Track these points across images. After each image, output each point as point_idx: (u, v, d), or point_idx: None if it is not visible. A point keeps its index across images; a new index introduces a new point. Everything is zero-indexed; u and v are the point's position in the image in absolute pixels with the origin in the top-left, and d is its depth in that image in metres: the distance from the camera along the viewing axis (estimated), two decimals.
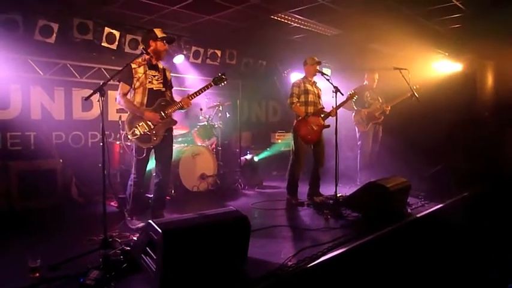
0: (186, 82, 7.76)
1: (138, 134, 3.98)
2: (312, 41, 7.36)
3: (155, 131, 4.05)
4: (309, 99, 5.21)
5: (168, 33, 4.64)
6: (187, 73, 7.63)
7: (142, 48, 3.92)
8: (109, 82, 3.52)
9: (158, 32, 4.12)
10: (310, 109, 5.20)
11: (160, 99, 4.14)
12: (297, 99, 5.17)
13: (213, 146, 6.72)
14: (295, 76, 7.62)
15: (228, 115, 7.06)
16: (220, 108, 6.69)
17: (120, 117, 6.04)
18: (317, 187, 5.39)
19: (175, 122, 4.22)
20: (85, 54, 6.34)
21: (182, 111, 4.53)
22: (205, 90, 4.32)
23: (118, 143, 5.86)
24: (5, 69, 5.59)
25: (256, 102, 9.52)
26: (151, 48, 4.11)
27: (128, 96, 4.07)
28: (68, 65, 6.29)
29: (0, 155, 5.22)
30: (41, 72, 6.03)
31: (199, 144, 6.35)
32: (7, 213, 4.70)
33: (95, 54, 6.42)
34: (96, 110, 6.55)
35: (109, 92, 6.36)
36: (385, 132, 6.71)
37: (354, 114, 6.62)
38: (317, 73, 5.26)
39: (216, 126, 6.60)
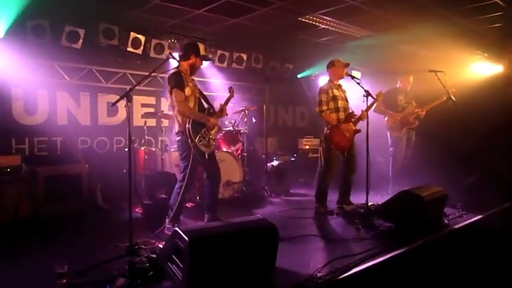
0: (211, 86, 7.85)
1: (203, 140, 4.18)
2: (341, 43, 7.32)
3: (212, 136, 4.32)
4: (339, 105, 5.16)
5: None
6: (212, 77, 7.73)
7: (169, 53, 4.01)
8: (136, 87, 3.61)
9: (202, 49, 4.27)
10: (342, 115, 5.15)
11: (208, 107, 4.39)
12: (326, 107, 5.13)
13: (239, 152, 6.75)
14: (324, 80, 7.58)
15: (253, 120, 7.09)
16: (246, 113, 6.74)
17: (145, 122, 6.17)
18: (348, 195, 5.34)
19: (220, 129, 4.41)
20: (110, 60, 6.55)
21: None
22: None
23: (143, 148, 5.98)
24: (33, 75, 5.83)
25: (282, 106, 9.53)
26: (190, 61, 4.29)
27: None
28: (94, 70, 6.49)
29: (28, 161, 5.40)
30: (67, 77, 6.24)
31: (224, 150, 6.40)
32: (33, 218, 4.86)
33: (121, 60, 6.61)
34: (121, 115, 6.72)
35: (134, 97, 6.51)
36: (419, 138, 6.58)
37: (386, 118, 6.53)
38: (346, 76, 5.21)
39: (242, 131, 6.63)
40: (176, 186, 4.26)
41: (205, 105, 4.43)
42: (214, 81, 7.78)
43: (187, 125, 4.10)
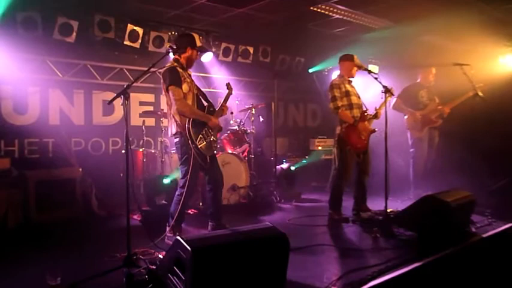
0: (214, 83, 7.87)
1: (204, 142, 4.18)
2: (356, 35, 7.30)
3: (214, 137, 4.32)
4: (352, 102, 5.14)
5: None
6: (216, 72, 7.74)
7: (170, 46, 4.01)
8: (133, 84, 3.62)
9: (197, 40, 4.28)
10: (356, 113, 5.12)
11: (208, 105, 4.38)
12: (341, 103, 5.11)
13: (245, 153, 6.75)
14: (337, 75, 7.56)
15: (261, 119, 7.09)
16: (253, 112, 6.74)
17: (143, 122, 6.19)
18: (363, 200, 5.32)
19: (221, 129, 4.47)
20: (106, 54, 6.60)
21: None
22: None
23: (141, 150, 6.01)
24: (23, 71, 5.88)
25: (293, 104, 9.52)
26: (186, 54, 4.30)
27: None
28: (88, 66, 6.53)
29: (17, 164, 5.44)
30: (59, 74, 6.29)
31: (229, 151, 6.40)
32: (23, 226, 4.89)
33: (117, 54, 6.66)
34: (117, 115, 6.76)
35: (132, 94, 6.52)
36: (442, 138, 6.54)
37: (406, 117, 6.50)
38: (363, 70, 5.18)
39: (248, 131, 6.64)
40: (177, 193, 4.26)
41: (205, 103, 4.43)
42: (218, 76, 7.78)
43: (187, 125, 4.10)
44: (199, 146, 4.12)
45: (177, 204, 4.20)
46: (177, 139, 4.24)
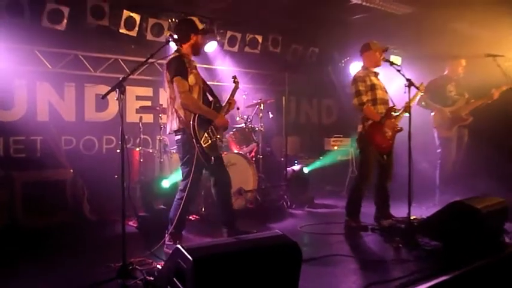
0: (219, 75, 7.89)
1: (210, 141, 4.21)
2: (377, 22, 7.25)
3: (220, 135, 4.36)
4: (377, 96, 5.12)
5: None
6: (220, 64, 7.75)
7: (170, 35, 4.04)
8: (130, 76, 3.64)
9: (198, 23, 4.29)
10: (381, 109, 5.10)
11: (214, 101, 4.41)
12: (367, 98, 5.09)
13: (253, 154, 6.76)
14: (356, 67, 7.55)
15: (271, 115, 7.09)
16: (262, 107, 6.74)
17: (140, 118, 6.21)
18: (387, 207, 5.31)
19: (227, 127, 4.57)
20: (100, 43, 6.63)
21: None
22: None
23: (138, 149, 6.03)
24: (9, 63, 5.91)
25: (306, 99, 9.52)
26: (191, 42, 4.31)
27: None
28: (80, 56, 6.57)
29: (2, 164, 5.48)
30: (49, 65, 6.33)
31: (235, 151, 6.41)
32: (9, 232, 4.91)
33: (112, 43, 6.68)
34: (112, 110, 6.79)
35: (128, 88, 6.54)
36: (472, 138, 6.50)
37: (433, 114, 6.45)
38: (384, 62, 5.17)
39: (257, 129, 6.64)
40: (177, 196, 4.28)
41: (210, 98, 4.45)
42: (223, 68, 7.80)
43: (191, 122, 4.11)
44: (204, 146, 4.14)
45: (177, 209, 4.21)
46: (179, 136, 4.25)
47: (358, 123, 5.20)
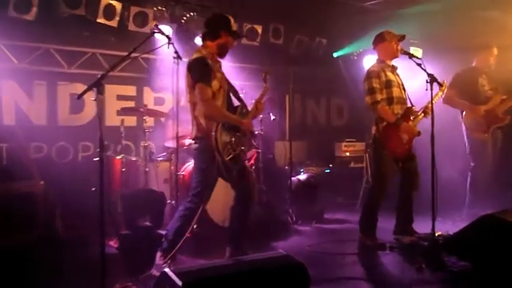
0: None
1: (233, 154, 4.24)
2: (394, 10, 7.29)
3: (244, 147, 4.40)
4: (394, 95, 5.13)
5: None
6: None
7: (155, 25, 4.06)
8: (110, 73, 3.64)
9: (233, 24, 4.36)
10: (397, 109, 5.12)
11: (240, 106, 4.49)
12: (381, 96, 5.10)
13: (252, 161, 6.76)
14: (371, 60, 7.56)
15: (272, 117, 7.09)
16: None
17: (122, 121, 6.20)
18: (409, 221, 5.32)
19: (253, 134, 4.72)
20: (75, 35, 6.64)
21: None
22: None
23: (119, 157, 6.02)
24: None
25: (313, 98, 9.55)
26: (220, 41, 4.35)
27: None
28: (52, 50, 6.58)
29: None
30: (15, 60, 6.35)
31: None
32: None
33: (89, 35, 6.69)
34: (89, 112, 6.81)
35: (107, 86, 6.53)
36: (506, 141, 6.49)
37: (464, 113, 6.41)
38: (402, 54, 5.19)
39: (256, 133, 6.63)
40: (181, 207, 4.34)
41: (235, 102, 4.53)
42: None
43: (213, 133, 4.14)
44: (226, 158, 4.17)
45: (178, 221, 4.26)
46: (197, 144, 4.31)
47: (372, 125, 5.21)
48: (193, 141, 4.41)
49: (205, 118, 4.22)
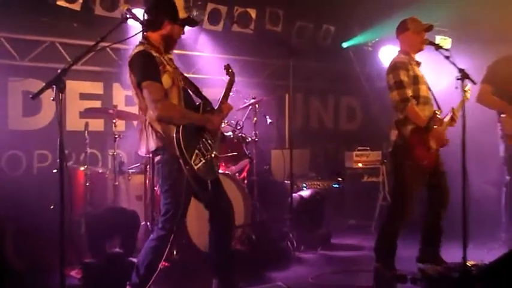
0: (197, 64, 7.92)
1: (203, 160, 4.15)
2: None
3: (216, 151, 4.31)
4: (421, 93, 5.09)
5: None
6: (199, 48, 7.77)
7: (127, 9, 4.04)
8: (72, 67, 3.63)
9: (181, 10, 4.29)
10: (425, 111, 5.10)
11: (203, 103, 4.39)
12: (411, 93, 5.06)
13: (244, 174, 6.77)
14: (388, 51, 7.59)
15: (269, 120, 7.09)
16: (256, 109, 6.75)
17: (86, 125, 6.17)
18: (437, 247, 5.30)
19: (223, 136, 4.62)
20: (30, 21, 6.63)
21: None
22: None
23: (83, 169, 6.01)
24: None
25: (318, 96, 9.59)
26: (164, 32, 4.27)
27: None
28: (2, 40, 6.58)
29: None
30: None
31: (219, 171, 6.40)
32: None
33: (47, 21, 6.68)
34: (46, 114, 6.82)
35: (69, 83, 6.52)
36: None
37: (500, 117, 6.42)
38: (427, 45, 5.20)
39: (249, 139, 6.64)
40: (152, 236, 4.23)
41: (195, 100, 4.45)
42: (202, 54, 7.84)
43: (174, 135, 4.08)
44: (195, 168, 4.10)
45: (150, 253, 4.19)
46: (159, 157, 4.22)
47: (392, 129, 5.19)
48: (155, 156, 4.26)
49: (162, 122, 4.09)
